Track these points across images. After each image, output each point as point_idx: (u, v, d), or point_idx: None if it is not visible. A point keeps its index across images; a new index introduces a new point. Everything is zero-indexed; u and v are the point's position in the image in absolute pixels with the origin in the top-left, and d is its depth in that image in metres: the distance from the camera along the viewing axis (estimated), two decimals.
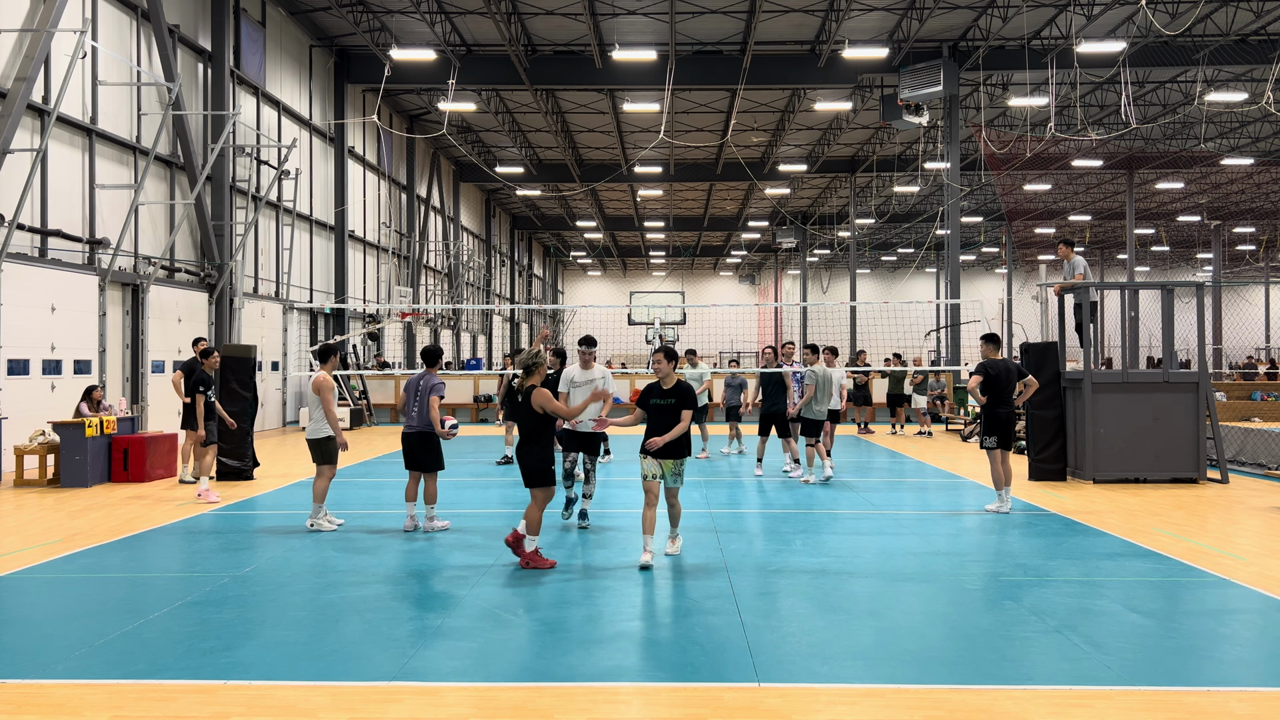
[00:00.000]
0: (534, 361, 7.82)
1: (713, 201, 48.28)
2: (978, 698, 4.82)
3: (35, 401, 14.34)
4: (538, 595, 6.77)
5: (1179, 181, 39.85)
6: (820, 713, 4.66)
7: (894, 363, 23.28)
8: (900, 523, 9.83)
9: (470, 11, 23.48)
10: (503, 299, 50.07)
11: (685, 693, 4.89)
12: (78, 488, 12.26)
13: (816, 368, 12.85)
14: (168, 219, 18.63)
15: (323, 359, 9.51)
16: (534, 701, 4.77)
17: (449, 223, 38.90)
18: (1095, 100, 30.63)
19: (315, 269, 25.60)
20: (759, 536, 8.87)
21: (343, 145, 26.43)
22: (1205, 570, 7.58)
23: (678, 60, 25.10)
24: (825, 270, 64.30)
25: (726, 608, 6.42)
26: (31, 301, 14.37)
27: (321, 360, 9.53)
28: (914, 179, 38.37)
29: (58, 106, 14.22)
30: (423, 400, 9.13)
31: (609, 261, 69.26)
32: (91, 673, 5.17)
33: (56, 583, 7.26)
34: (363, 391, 25.36)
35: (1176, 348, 15.05)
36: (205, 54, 19.63)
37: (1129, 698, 4.83)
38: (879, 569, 7.61)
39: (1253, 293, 54.88)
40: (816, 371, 12.76)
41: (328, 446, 9.31)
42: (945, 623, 6.11)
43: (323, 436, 9.28)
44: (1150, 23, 21.90)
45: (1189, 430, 12.67)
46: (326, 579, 7.26)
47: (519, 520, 9.79)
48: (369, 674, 5.14)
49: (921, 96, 24.51)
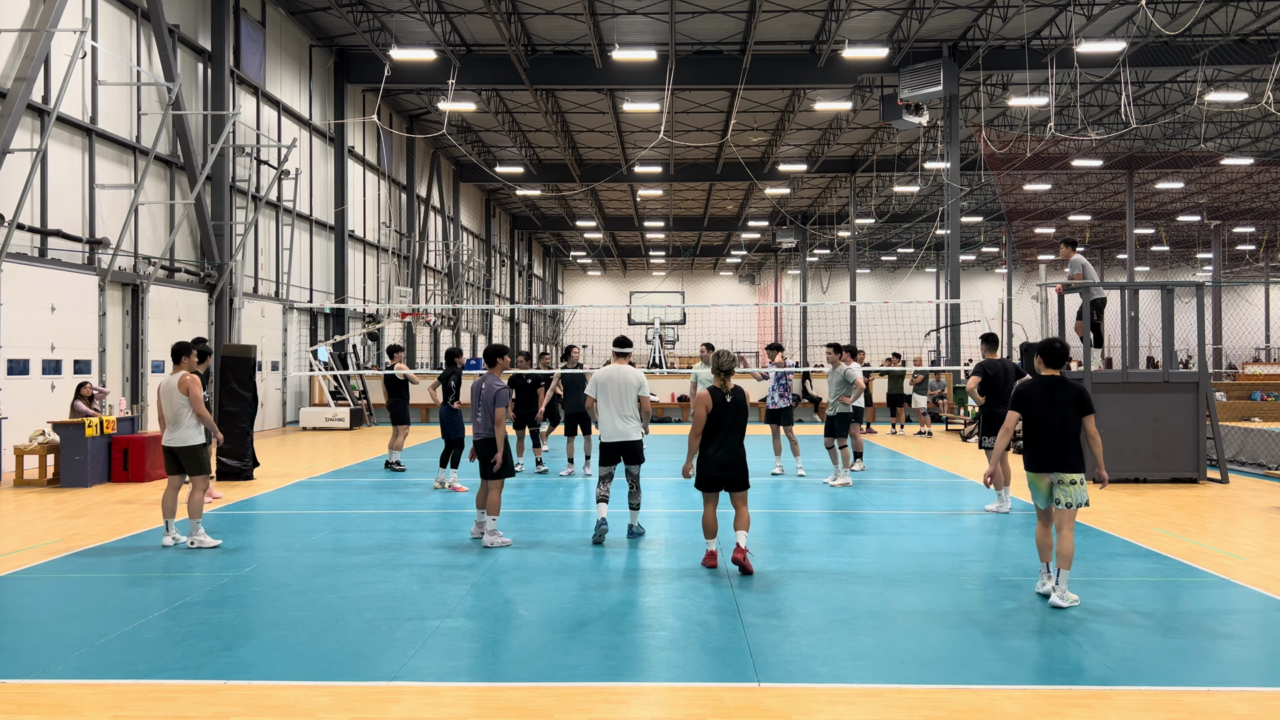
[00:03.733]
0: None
1: (713, 201, 48.28)
2: (978, 698, 4.82)
3: (35, 401, 14.35)
4: (538, 595, 6.77)
5: (1179, 181, 39.85)
6: (820, 713, 4.65)
7: (894, 363, 23.28)
8: (900, 523, 9.83)
9: (470, 11, 23.48)
10: (503, 299, 50.08)
11: (685, 693, 4.89)
12: (78, 488, 12.26)
13: (848, 367, 12.83)
14: (168, 219, 18.63)
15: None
16: (534, 701, 4.77)
17: (449, 223, 38.90)
18: (1095, 100, 30.63)
19: (315, 269, 25.60)
20: (758, 537, 8.86)
21: (343, 145, 26.43)
22: (1205, 570, 7.58)
23: (678, 60, 25.10)
24: (825, 270, 64.29)
25: (726, 608, 6.42)
26: (31, 301, 14.37)
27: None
28: (914, 179, 38.37)
29: (58, 106, 14.22)
30: (487, 408, 8.48)
31: (609, 261, 69.26)
32: (91, 673, 5.16)
33: (56, 583, 7.26)
34: (363, 391, 25.35)
35: (1176, 348, 15.05)
36: (205, 54, 19.63)
37: (1129, 698, 4.83)
38: (879, 569, 7.61)
39: (1253, 293, 54.90)
40: (841, 371, 12.76)
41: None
42: (945, 623, 6.11)
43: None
44: (1150, 23, 21.91)
45: (1189, 430, 12.66)
46: (326, 579, 7.26)
47: (517, 521, 9.81)
48: (369, 674, 5.13)
49: (921, 96, 24.51)
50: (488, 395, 8.48)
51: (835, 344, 13.23)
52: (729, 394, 7.39)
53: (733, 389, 7.43)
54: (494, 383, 8.51)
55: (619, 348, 9.26)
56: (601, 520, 8.71)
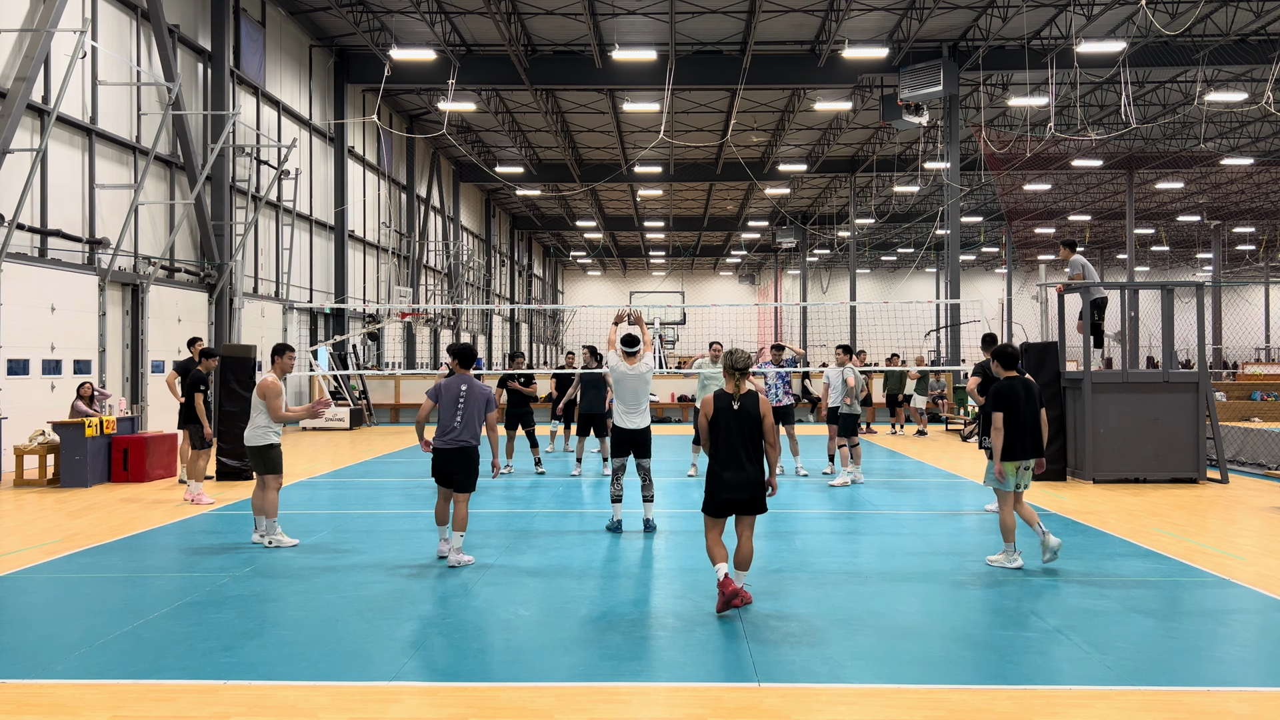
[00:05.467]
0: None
1: (713, 201, 48.27)
2: (978, 698, 4.82)
3: (35, 401, 14.34)
4: (538, 595, 6.77)
5: (1179, 181, 39.84)
6: (820, 713, 4.65)
7: (894, 363, 23.28)
8: (900, 523, 9.82)
9: (470, 11, 23.48)
10: (502, 299, 50.07)
11: (685, 693, 4.89)
12: (78, 488, 12.25)
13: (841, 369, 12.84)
14: (168, 219, 18.63)
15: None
16: (534, 701, 4.77)
17: (449, 223, 38.90)
18: (1095, 100, 30.62)
19: (315, 269, 25.60)
20: (758, 537, 8.86)
21: (343, 145, 26.43)
22: (1205, 570, 7.58)
23: (678, 60, 25.10)
24: (825, 270, 64.27)
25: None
26: (31, 301, 14.37)
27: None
28: (914, 179, 38.37)
29: (58, 106, 14.22)
30: (471, 413, 7.67)
31: (609, 261, 69.24)
32: (91, 673, 5.16)
33: (56, 583, 7.26)
34: (363, 391, 25.36)
35: (1176, 348, 15.05)
36: (205, 54, 19.63)
37: (1129, 698, 4.83)
38: (879, 569, 7.61)
39: (1253, 293, 54.86)
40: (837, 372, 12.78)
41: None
42: (945, 623, 6.11)
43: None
44: (1150, 23, 21.90)
45: (1189, 430, 12.66)
46: (326, 579, 7.26)
47: (519, 520, 9.81)
48: (369, 674, 5.13)
49: (921, 96, 24.51)
50: (477, 399, 7.69)
51: (846, 345, 13.34)
52: (738, 399, 6.31)
53: (744, 393, 6.37)
54: (479, 385, 7.77)
55: (627, 347, 9.17)
56: (618, 521, 9.13)
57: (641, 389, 9.15)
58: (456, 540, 7.73)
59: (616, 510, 9.16)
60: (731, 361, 6.41)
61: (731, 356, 6.43)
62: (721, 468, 6.28)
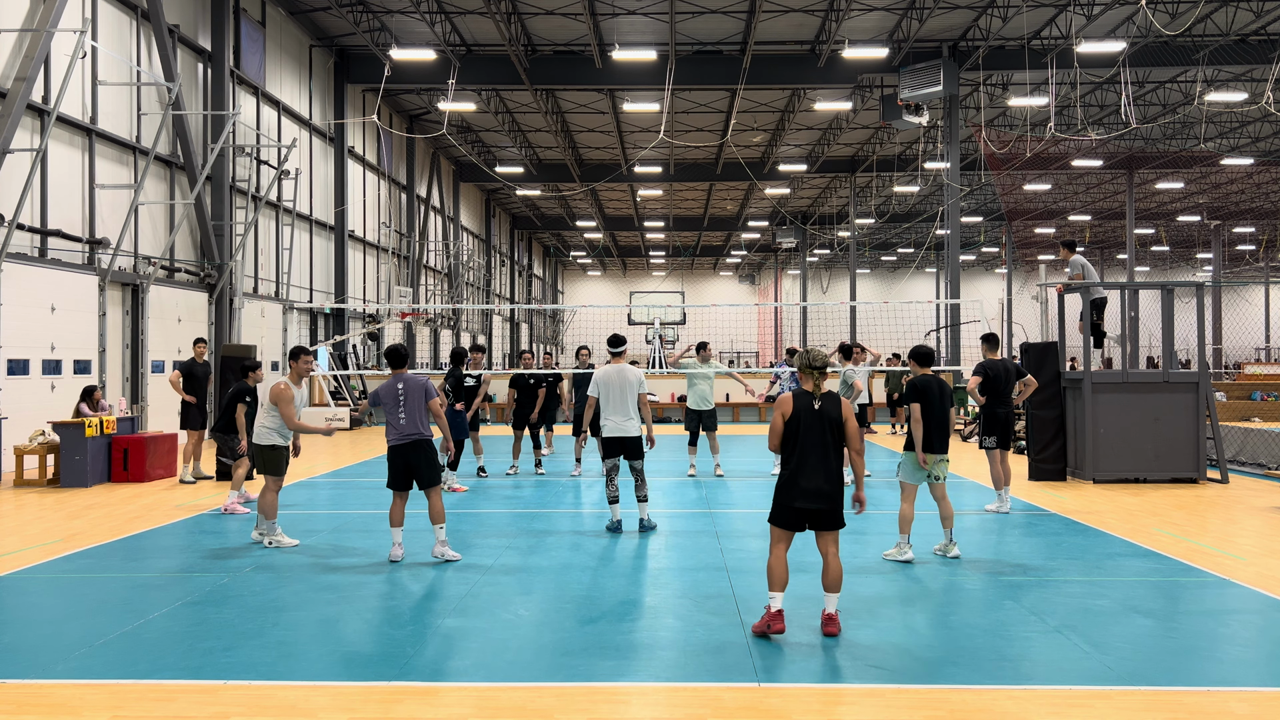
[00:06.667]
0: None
1: (713, 201, 48.27)
2: (978, 698, 4.82)
3: (35, 401, 14.34)
4: (538, 596, 6.77)
5: (1179, 181, 39.85)
6: (820, 713, 4.65)
7: (894, 363, 23.27)
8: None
9: (470, 11, 23.48)
10: (502, 299, 50.07)
11: (685, 693, 4.89)
12: (78, 488, 12.26)
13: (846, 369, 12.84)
14: (168, 219, 18.63)
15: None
16: (534, 701, 4.77)
17: (449, 223, 38.89)
18: (1095, 100, 30.62)
19: (315, 269, 25.60)
20: (759, 537, 8.86)
21: (343, 145, 26.43)
22: (1205, 570, 7.58)
23: (678, 60, 25.10)
24: (825, 270, 64.29)
25: (726, 608, 6.42)
26: (31, 301, 14.37)
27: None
28: (914, 179, 38.37)
29: (58, 106, 14.22)
30: (413, 404, 7.85)
31: (609, 261, 69.25)
32: (91, 673, 5.17)
33: (56, 583, 7.26)
34: (363, 392, 25.35)
35: (1176, 348, 15.05)
36: (205, 54, 19.63)
37: (1129, 698, 4.83)
38: (879, 569, 7.61)
39: (1253, 293, 54.88)
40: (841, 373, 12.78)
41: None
42: (945, 623, 6.11)
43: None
44: (1150, 23, 21.90)
45: (1189, 430, 12.66)
46: (326, 579, 7.26)
47: (519, 520, 9.81)
48: (369, 674, 5.13)
49: (921, 96, 24.50)
50: (415, 392, 7.83)
51: (860, 345, 13.35)
52: (819, 399, 5.87)
53: (824, 394, 5.92)
54: (414, 378, 7.92)
55: (613, 347, 9.51)
56: (618, 521, 9.21)
57: (629, 393, 9.17)
58: (440, 533, 7.93)
59: (615, 511, 9.28)
60: (808, 360, 6.00)
61: (809, 355, 6.03)
62: (797, 473, 5.80)
